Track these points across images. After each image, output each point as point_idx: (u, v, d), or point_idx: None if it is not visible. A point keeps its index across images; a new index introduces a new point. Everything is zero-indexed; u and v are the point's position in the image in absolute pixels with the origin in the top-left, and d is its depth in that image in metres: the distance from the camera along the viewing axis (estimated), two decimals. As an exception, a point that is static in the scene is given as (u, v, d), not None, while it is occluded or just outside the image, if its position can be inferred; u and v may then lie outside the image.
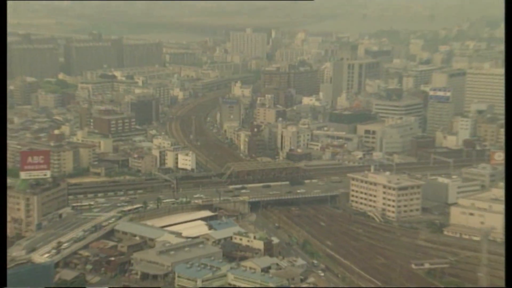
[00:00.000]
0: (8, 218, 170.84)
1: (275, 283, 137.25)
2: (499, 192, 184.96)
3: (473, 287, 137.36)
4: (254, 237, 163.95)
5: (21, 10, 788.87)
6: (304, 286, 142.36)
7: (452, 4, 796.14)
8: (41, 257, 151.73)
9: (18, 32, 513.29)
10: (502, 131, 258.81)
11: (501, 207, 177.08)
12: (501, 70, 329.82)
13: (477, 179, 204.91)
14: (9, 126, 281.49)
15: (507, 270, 68.52)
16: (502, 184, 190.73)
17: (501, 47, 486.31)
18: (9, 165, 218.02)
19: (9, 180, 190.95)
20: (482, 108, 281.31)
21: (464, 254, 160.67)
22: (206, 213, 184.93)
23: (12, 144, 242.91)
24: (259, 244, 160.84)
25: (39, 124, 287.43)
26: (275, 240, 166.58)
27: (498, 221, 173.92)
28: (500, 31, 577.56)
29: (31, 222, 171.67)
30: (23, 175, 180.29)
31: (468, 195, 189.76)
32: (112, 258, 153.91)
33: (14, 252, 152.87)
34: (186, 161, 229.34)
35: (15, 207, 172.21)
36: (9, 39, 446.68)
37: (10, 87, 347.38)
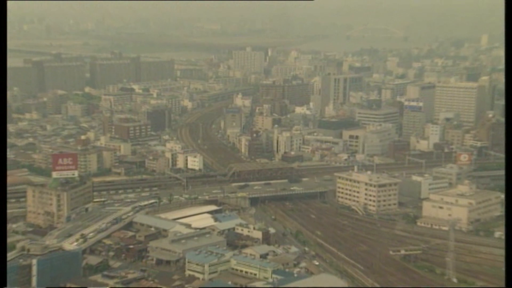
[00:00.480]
0: (42, 212, 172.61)
1: (272, 268, 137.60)
2: (464, 188, 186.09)
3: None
4: (254, 228, 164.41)
5: (53, 33, 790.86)
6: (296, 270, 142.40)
7: (423, 27, 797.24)
8: (70, 245, 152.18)
9: (51, 52, 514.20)
10: (467, 136, 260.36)
11: (466, 202, 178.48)
12: (465, 84, 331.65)
13: (445, 177, 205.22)
14: (42, 132, 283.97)
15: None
16: (467, 181, 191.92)
17: (465, 63, 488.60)
18: (43, 166, 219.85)
19: (43, 179, 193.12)
20: (450, 116, 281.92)
21: (434, 241, 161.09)
22: (212, 207, 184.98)
23: (45, 148, 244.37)
24: (258, 234, 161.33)
25: (68, 130, 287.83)
26: (272, 230, 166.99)
27: (463, 214, 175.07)
28: (464, 50, 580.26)
29: (61, 215, 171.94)
30: (54, 174, 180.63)
31: (438, 191, 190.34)
32: (131, 246, 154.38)
33: (47, 241, 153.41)
34: (195, 162, 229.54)
35: (48, 202, 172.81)
36: (43, 58, 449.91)
37: (44, 99, 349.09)
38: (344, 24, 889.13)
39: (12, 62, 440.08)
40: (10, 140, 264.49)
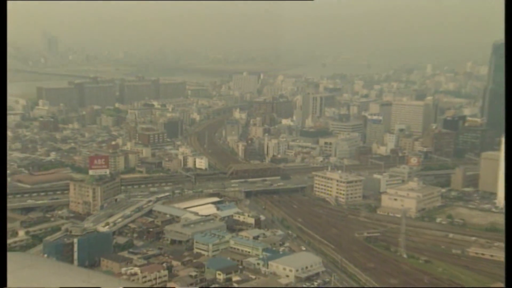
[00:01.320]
0: (81, 201, 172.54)
1: (262, 247, 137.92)
2: (414, 184, 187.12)
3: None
4: (248, 216, 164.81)
5: (91, 61, 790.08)
6: (281, 249, 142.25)
7: (382, 57, 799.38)
8: (103, 228, 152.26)
9: (89, 75, 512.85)
10: (416, 143, 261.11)
11: (414, 195, 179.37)
12: (415, 102, 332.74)
13: (399, 176, 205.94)
14: (81, 138, 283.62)
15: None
16: (415, 179, 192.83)
17: (414, 86, 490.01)
18: (82, 165, 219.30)
19: (82, 176, 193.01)
20: (402, 128, 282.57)
21: (390, 226, 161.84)
22: (215, 199, 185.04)
23: (83, 151, 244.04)
24: (251, 220, 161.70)
25: (102, 137, 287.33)
26: (262, 217, 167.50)
27: (412, 204, 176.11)
28: (413, 76, 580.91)
29: (96, 204, 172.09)
30: (91, 172, 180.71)
31: (393, 186, 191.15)
32: (151, 229, 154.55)
33: (85, 224, 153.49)
34: (201, 163, 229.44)
35: (86, 194, 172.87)
36: (83, 80, 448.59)
37: (83, 112, 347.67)
38: (320, 55, 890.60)
39: (59, 84, 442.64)
40: (56, 145, 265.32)
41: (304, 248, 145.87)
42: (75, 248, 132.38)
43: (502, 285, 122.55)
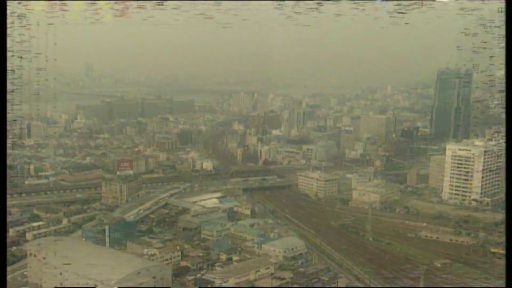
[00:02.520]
0: (111, 196, 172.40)
1: (256, 232, 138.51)
2: (378, 182, 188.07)
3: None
4: (245, 208, 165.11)
5: (119, 83, 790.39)
6: (272, 235, 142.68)
7: (351, 80, 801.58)
8: (129, 217, 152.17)
9: (117, 95, 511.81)
10: (380, 149, 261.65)
11: (378, 190, 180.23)
12: (378, 116, 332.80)
13: (366, 175, 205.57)
14: (111, 146, 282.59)
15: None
16: (379, 177, 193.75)
17: (378, 103, 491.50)
18: (111, 167, 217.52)
19: (111, 176, 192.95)
20: (369, 136, 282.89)
21: (359, 215, 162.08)
22: (218, 194, 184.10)
23: (112, 156, 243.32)
24: (247, 211, 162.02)
25: (127, 145, 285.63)
26: (257, 209, 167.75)
27: (377, 198, 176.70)
28: (377, 95, 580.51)
29: (123, 198, 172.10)
30: (118, 173, 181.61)
31: (362, 183, 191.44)
32: (167, 219, 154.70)
33: (115, 214, 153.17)
34: (207, 165, 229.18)
35: (115, 190, 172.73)
36: (112, 99, 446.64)
37: (112, 124, 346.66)
38: (303, 77, 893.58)
39: (94, 102, 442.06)
40: (91, 151, 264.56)
41: (290, 234, 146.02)
42: (107, 233, 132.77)
43: (446, 260, 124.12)
